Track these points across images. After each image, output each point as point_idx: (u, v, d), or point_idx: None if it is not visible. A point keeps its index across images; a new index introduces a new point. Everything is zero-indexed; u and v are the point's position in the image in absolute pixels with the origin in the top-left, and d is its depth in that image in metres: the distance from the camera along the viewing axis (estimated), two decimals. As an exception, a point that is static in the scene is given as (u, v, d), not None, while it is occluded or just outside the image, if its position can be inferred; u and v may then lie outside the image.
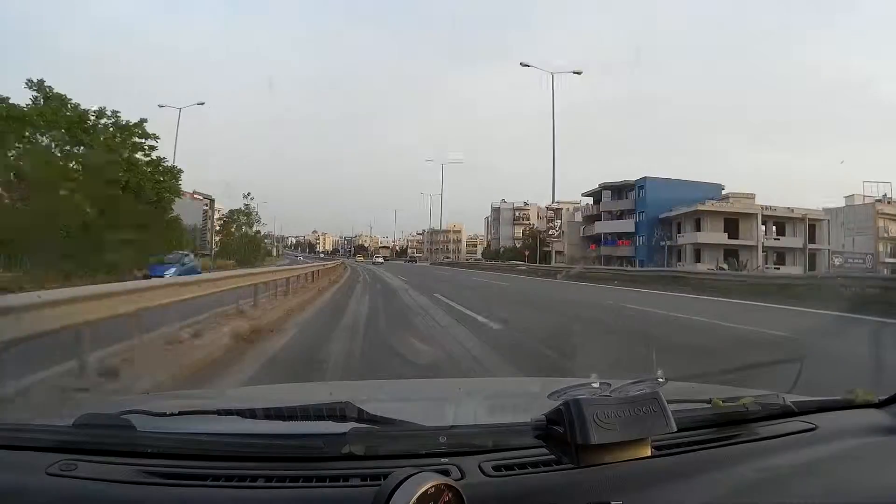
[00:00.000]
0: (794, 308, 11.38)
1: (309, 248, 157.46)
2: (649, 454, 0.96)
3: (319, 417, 1.08)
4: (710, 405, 1.28)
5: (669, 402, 0.97)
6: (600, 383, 1.02)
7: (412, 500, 0.81)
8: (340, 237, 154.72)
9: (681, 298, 14.60)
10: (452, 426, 1.13)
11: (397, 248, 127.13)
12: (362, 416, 1.04)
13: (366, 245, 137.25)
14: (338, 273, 27.33)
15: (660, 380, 1.05)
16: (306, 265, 20.20)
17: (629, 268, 36.92)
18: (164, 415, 1.16)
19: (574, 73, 38.17)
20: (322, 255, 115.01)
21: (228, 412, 1.24)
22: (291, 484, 0.96)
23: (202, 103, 41.25)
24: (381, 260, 74.95)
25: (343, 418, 1.04)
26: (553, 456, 0.97)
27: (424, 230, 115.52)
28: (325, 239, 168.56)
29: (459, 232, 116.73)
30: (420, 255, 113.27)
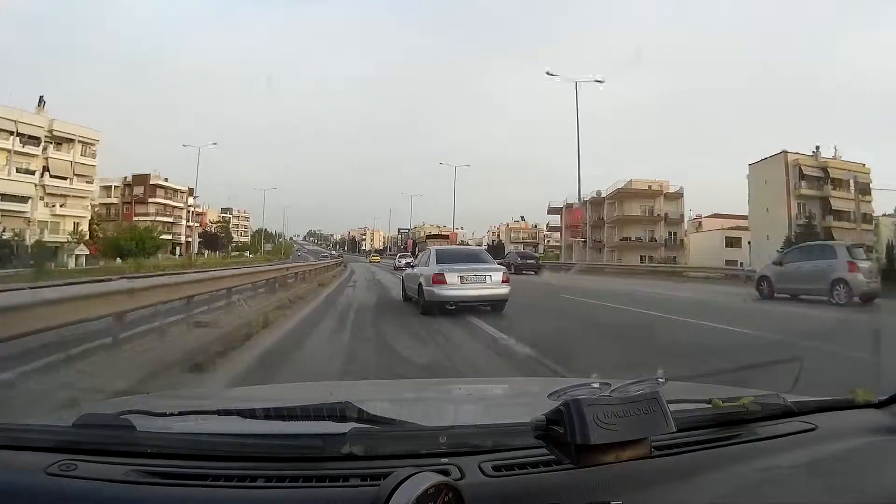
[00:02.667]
0: None
1: (352, 245, 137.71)
2: (649, 454, 0.96)
3: (319, 417, 1.08)
4: (710, 405, 1.28)
5: (669, 402, 0.97)
6: (600, 383, 1.02)
7: (412, 500, 0.81)
8: (397, 232, 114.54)
9: None
10: (452, 426, 1.14)
11: (489, 241, 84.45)
12: (362, 416, 1.04)
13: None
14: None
15: (660, 380, 1.05)
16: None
17: None
18: (164, 415, 1.16)
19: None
20: (332, 254, 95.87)
21: (228, 412, 1.24)
22: (291, 484, 0.96)
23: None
24: (403, 262, 31.30)
25: (343, 418, 1.04)
26: (553, 456, 0.97)
27: (568, 202, 53.80)
28: (373, 235, 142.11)
29: (680, 197, 52.34)
30: (544, 250, 69.69)
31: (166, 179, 62.54)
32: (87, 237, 46.97)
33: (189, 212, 63.65)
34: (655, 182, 52.68)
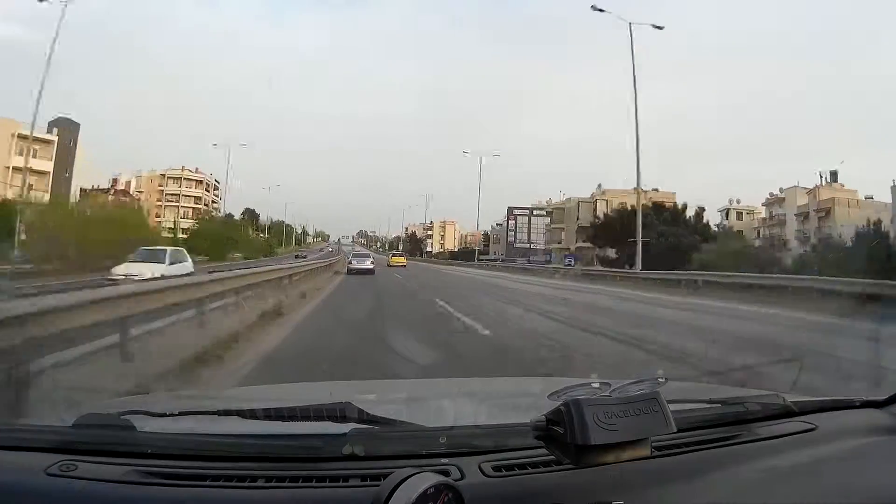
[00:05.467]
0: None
1: (414, 245, 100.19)
2: (649, 454, 0.96)
3: (319, 418, 1.08)
4: (710, 405, 1.28)
5: (669, 402, 0.97)
6: (600, 383, 1.02)
7: (412, 501, 0.81)
8: (507, 212, 68.55)
9: None
10: (452, 427, 1.14)
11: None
12: (362, 417, 1.04)
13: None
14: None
15: (660, 380, 1.05)
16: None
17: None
18: (164, 415, 1.16)
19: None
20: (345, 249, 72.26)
21: (228, 412, 1.24)
22: (291, 484, 0.96)
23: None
24: None
25: (343, 419, 1.04)
26: (553, 456, 0.97)
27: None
28: (445, 230, 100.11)
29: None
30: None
31: None
32: None
33: None
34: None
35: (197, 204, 62.31)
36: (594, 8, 27.67)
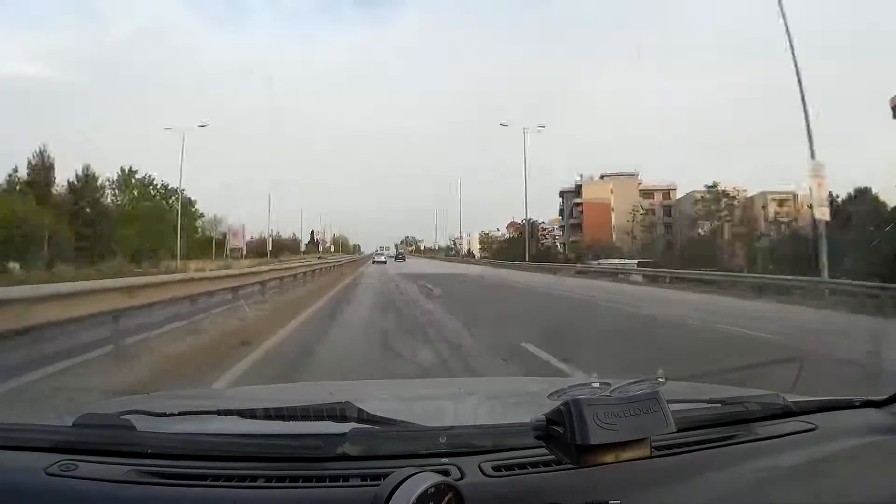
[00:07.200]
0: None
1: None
2: (649, 454, 0.96)
3: (319, 418, 1.08)
4: (710, 405, 1.28)
5: (669, 402, 0.97)
6: (600, 383, 1.02)
7: (412, 500, 0.81)
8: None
9: None
10: (452, 426, 1.14)
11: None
12: (362, 417, 1.04)
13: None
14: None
15: (660, 380, 1.05)
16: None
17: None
18: (164, 415, 1.16)
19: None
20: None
21: (228, 412, 1.24)
22: (291, 484, 0.96)
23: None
24: None
25: (343, 418, 1.04)
26: (553, 456, 0.97)
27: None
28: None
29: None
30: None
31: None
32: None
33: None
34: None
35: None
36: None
